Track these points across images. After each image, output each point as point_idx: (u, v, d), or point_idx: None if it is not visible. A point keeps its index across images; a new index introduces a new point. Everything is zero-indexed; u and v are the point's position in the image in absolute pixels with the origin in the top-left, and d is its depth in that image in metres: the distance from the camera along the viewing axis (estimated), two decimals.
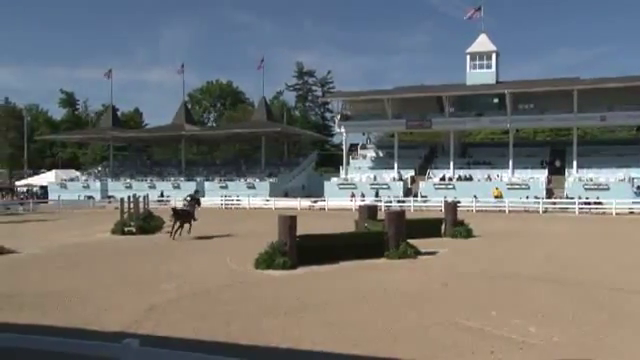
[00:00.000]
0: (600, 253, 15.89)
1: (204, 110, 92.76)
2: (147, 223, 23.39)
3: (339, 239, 14.75)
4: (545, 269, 12.87)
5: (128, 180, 56.43)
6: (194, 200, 21.79)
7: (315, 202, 44.87)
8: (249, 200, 46.08)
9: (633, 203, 37.49)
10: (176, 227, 20.10)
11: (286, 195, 50.03)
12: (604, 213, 36.01)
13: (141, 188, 48.21)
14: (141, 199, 26.94)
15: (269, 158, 59.61)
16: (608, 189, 39.80)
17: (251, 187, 51.25)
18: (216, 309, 8.82)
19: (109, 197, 51.34)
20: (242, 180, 53.25)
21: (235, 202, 47.01)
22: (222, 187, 52.30)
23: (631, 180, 40.38)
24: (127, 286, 10.80)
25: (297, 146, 73.98)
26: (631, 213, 35.81)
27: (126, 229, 22.32)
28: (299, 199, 45.08)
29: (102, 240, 20.25)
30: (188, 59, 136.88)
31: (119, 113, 74.16)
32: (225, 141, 67.32)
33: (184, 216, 20.65)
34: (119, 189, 52.11)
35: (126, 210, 24.10)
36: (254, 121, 59.66)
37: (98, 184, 56.68)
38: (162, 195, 50.03)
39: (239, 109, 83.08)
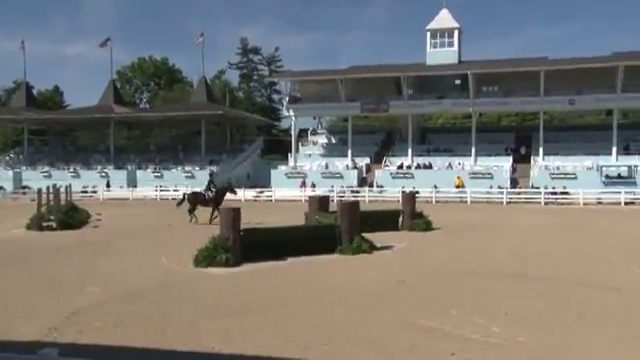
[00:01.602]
0: (567, 246, 16.50)
1: (136, 90, 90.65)
2: (70, 217, 22.77)
3: (287, 233, 14.76)
4: (509, 264, 13.29)
5: (47, 168, 54.68)
6: (225, 189, 24.12)
7: (261, 193, 44.81)
8: (188, 191, 45.37)
9: (601, 193, 39.11)
10: (191, 213, 23.02)
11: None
12: (571, 204, 37.44)
13: (63, 178, 46.88)
14: (62, 190, 26.20)
15: (210, 144, 58.94)
16: (575, 178, 41.39)
17: (190, 176, 50.59)
18: (150, 312, 8.69)
19: (24, 188, 49.63)
20: (180, 169, 52.51)
21: (172, 193, 46.27)
22: (157, 176, 51.46)
23: (599, 168, 42.07)
24: (46, 289, 10.49)
25: (241, 131, 73.44)
26: (599, 203, 37.38)
27: (45, 224, 21.60)
28: (243, 189, 44.82)
29: (16, 237, 19.54)
30: (116, 31, 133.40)
31: (35, 91, 71.44)
32: (160, 125, 66.10)
33: (199, 201, 23.36)
34: (36, 179, 50.43)
35: (45, 202, 23.37)
36: (193, 103, 58.85)
37: (10, 173, 54.65)
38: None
39: (176, 89, 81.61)
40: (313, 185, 45.82)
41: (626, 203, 36.85)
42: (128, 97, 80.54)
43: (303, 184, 46.36)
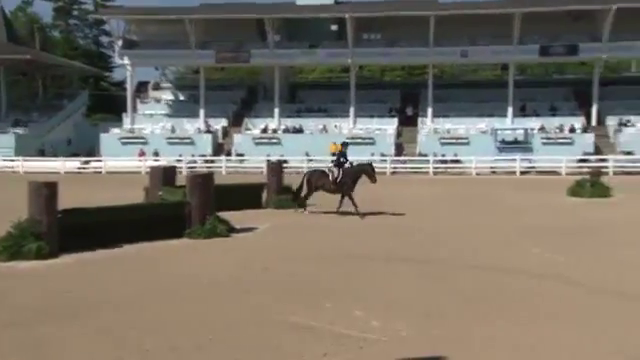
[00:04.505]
0: (459, 223, 17.44)
1: None
2: None
3: (121, 214, 14.35)
4: (392, 245, 13.82)
5: None
6: (361, 170, 19.35)
7: (87, 163, 43.45)
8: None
9: (495, 161, 41.87)
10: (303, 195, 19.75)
11: (42, 153, 47.50)
12: (463, 173, 39.78)
13: None
14: None
15: (14, 99, 55.77)
16: (468, 143, 43.92)
17: None
18: None
19: None
20: None
21: None
22: None
23: (494, 132, 44.89)
24: None
25: (58, 83, 69.91)
26: (493, 173, 40.02)
27: None
28: (63, 159, 43.06)
29: None
30: None
31: None
32: None
33: (320, 185, 19.40)
34: None
35: None
36: None
37: None
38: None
39: None
40: (156, 153, 44.91)
41: (522, 172, 39.75)
42: None
43: (143, 152, 45.28)
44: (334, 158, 19.85)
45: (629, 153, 42.57)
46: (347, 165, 19.19)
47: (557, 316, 8.27)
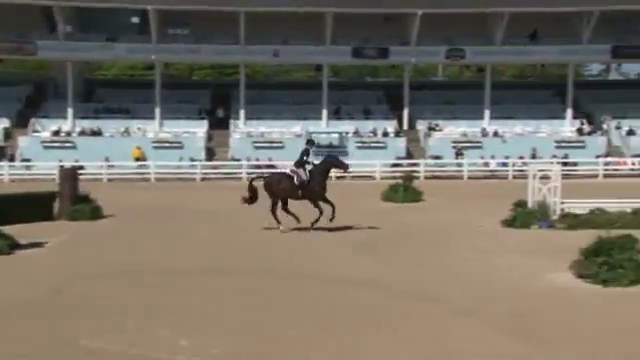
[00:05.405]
0: (274, 232, 17.58)
1: None
2: None
3: None
4: (203, 257, 13.78)
5: None
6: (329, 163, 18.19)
7: None
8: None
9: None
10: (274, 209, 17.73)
11: None
12: None
13: None
14: None
15: None
16: (283, 147, 44.64)
17: None
18: None
19: None
20: None
21: None
22: None
23: (309, 135, 46.03)
24: None
25: None
26: None
27: None
28: None
29: None
30: None
31: None
32: None
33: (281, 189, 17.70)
34: None
35: None
36: None
37: None
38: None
39: None
40: None
41: (337, 177, 41.11)
42: None
43: None
44: (297, 158, 18.48)
45: (437, 157, 45.55)
46: (309, 166, 18.01)
47: (372, 324, 8.57)
